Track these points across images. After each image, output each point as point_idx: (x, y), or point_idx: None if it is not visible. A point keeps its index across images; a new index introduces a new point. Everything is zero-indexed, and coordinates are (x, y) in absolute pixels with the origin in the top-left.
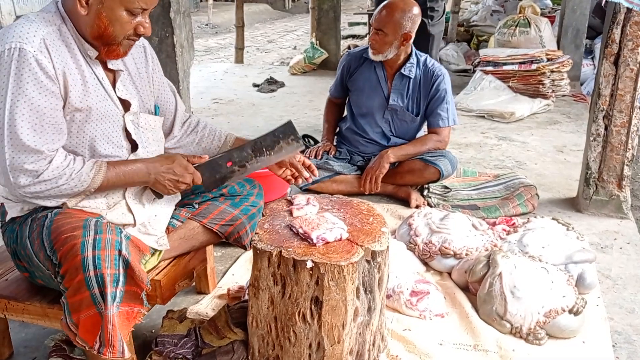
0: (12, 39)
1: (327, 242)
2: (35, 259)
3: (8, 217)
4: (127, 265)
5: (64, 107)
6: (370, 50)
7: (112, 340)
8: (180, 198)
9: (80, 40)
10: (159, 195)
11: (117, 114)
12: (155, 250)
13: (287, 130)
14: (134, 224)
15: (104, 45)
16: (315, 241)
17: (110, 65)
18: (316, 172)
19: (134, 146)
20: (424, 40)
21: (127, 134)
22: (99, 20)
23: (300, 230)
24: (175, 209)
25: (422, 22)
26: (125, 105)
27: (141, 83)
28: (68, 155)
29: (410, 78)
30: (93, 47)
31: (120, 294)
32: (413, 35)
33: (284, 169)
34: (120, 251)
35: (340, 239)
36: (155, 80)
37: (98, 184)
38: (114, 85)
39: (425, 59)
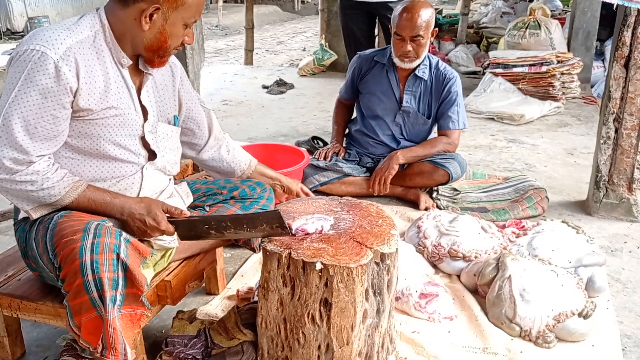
0: (39, 41)
1: (307, 233)
2: (40, 260)
3: (20, 216)
4: (126, 269)
5: (81, 112)
6: (405, 60)
7: (114, 343)
8: (192, 200)
9: (116, 48)
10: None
11: (137, 122)
12: (166, 252)
13: (272, 217)
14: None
15: (158, 56)
16: (294, 232)
17: (141, 67)
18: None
19: (151, 154)
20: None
21: (145, 143)
22: (161, 35)
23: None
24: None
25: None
26: (145, 113)
27: (165, 94)
28: (52, 165)
29: (423, 80)
30: (128, 56)
31: (120, 297)
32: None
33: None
34: (118, 255)
35: (321, 231)
36: (183, 95)
37: (67, 203)
38: (139, 91)
39: (437, 62)
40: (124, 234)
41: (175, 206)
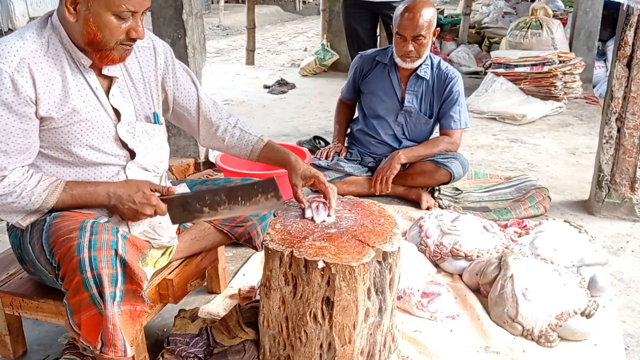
0: None
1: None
2: (37, 263)
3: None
4: (125, 264)
5: (44, 121)
6: (406, 60)
7: (114, 339)
8: None
9: (74, 49)
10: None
11: (109, 123)
12: (166, 250)
13: (267, 186)
14: (129, 233)
15: (96, 51)
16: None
17: (104, 72)
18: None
19: (132, 153)
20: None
21: (124, 143)
22: (88, 26)
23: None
24: None
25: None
26: (119, 114)
27: (143, 88)
28: (27, 172)
29: (425, 79)
30: (87, 55)
31: (120, 293)
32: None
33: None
34: (116, 251)
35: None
36: (167, 82)
37: (51, 205)
38: (108, 92)
39: (439, 62)
40: (121, 230)
41: (163, 184)
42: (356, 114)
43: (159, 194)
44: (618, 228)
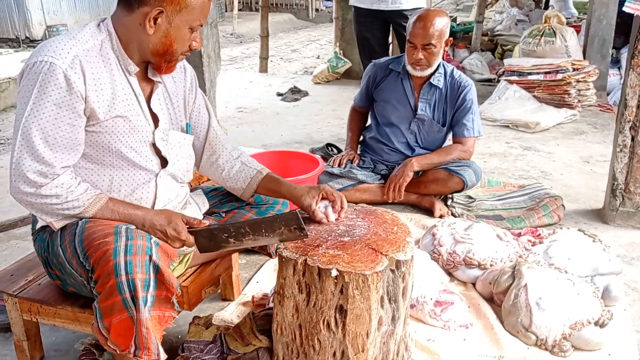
0: (47, 52)
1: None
2: (68, 266)
3: (38, 226)
4: (158, 271)
5: (89, 120)
6: (416, 68)
7: (147, 343)
8: (207, 207)
9: (123, 56)
10: None
11: (147, 129)
12: (183, 257)
13: (290, 219)
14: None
15: (165, 61)
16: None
17: (150, 75)
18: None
19: (163, 161)
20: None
21: (157, 150)
22: (166, 38)
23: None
24: (202, 218)
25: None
26: (156, 120)
27: (177, 100)
28: (75, 178)
29: (438, 88)
30: (152, 66)
31: (151, 299)
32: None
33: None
34: (150, 257)
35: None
36: (189, 101)
37: (90, 214)
38: (149, 98)
39: (452, 70)
40: (154, 237)
41: (195, 217)
42: (369, 122)
43: (188, 227)
44: (632, 237)
